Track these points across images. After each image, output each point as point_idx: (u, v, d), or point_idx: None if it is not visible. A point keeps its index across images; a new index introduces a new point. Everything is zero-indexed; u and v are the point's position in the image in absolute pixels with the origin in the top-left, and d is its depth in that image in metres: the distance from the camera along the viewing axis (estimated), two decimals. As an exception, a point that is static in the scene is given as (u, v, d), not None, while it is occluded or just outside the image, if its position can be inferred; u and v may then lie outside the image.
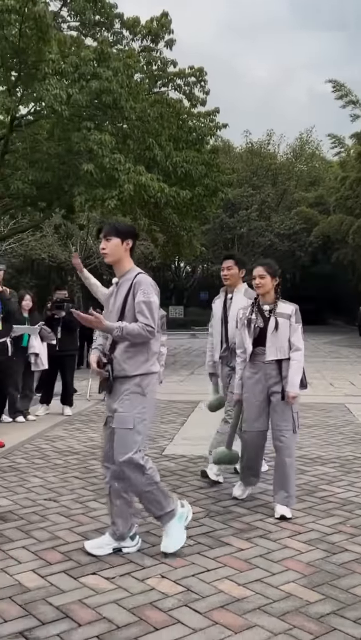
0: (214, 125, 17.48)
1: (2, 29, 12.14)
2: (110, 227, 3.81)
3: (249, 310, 4.64)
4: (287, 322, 4.48)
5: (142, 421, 3.66)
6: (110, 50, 13.93)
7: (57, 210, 17.03)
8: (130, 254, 3.84)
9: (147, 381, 3.68)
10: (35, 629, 2.91)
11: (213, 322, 5.47)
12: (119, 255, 3.78)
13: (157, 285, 3.78)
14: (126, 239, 3.77)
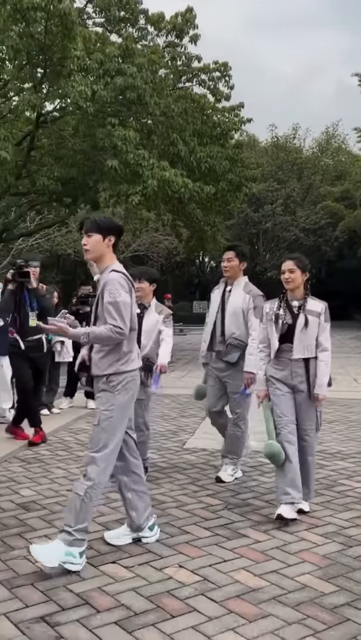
0: (239, 120, 17.46)
1: (28, 26, 12.25)
2: (92, 222, 3.66)
3: (276, 305, 4.45)
4: (316, 321, 4.34)
5: (107, 419, 3.55)
6: (135, 46, 13.98)
7: (82, 206, 17.17)
8: (114, 250, 3.72)
9: (117, 380, 3.57)
10: (56, 614, 3.01)
11: (210, 312, 5.36)
12: (100, 252, 3.66)
13: (128, 281, 3.64)
14: (108, 235, 3.65)
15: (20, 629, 2.87)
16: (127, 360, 3.62)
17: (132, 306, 3.66)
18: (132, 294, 3.67)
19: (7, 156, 12.17)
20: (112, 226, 3.70)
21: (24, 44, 12.26)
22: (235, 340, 5.07)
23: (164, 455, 6.13)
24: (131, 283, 3.69)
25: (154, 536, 3.89)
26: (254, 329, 4.97)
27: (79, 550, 3.46)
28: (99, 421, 3.57)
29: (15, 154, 13.38)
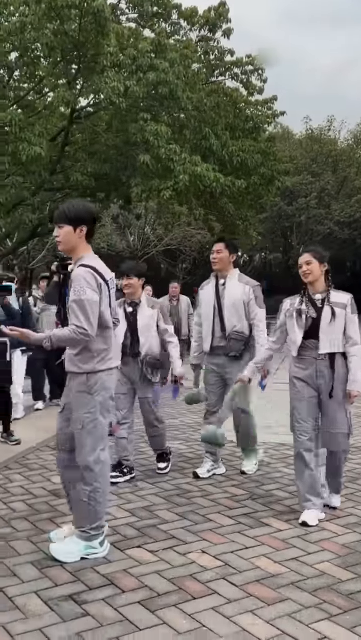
0: (271, 113, 17.44)
1: (63, 23, 12.45)
2: (60, 213, 3.47)
3: (298, 301, 4.28)
4: (343, 313, 4.14)
5: (92, 421, 3.47)
6: (167, 41, 14.06)
7: (115, 201, 17.37)
8: (87, 239, 3.51)
9: (93, 380, 3.46)
10: (83, 593, 3.17)
11: (202, 309, 5.20)
12: (72, 243, 3.48)
13: (97, 276, 3.41)
14: (79, 225, 3.44)
15: (49, 606, 3.03)
16: (102, 358, 3.48)
17: (103, 303, 3.44)
18: (103, 290, 3.43)
19: (42, 152, 12.42)
20: (83, 215, 3.47)
21: (58, 41, 12.47)
22: (236, 333, 4.98)
23: (191, 446, 6.26)
24: (102, 278, 3.43)
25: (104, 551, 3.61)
26: (260, 319, 4.97)
27: (98, 541, 3.56)
28: (83, 425, 3.47)
29: (50, 150, 13.62)
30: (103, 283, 3.45)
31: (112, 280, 3.58)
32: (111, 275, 3.58)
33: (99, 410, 3.49)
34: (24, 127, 12.79)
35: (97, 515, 3.55)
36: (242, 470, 5.28)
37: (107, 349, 3.52)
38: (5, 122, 12.53)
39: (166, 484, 4.99)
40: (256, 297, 5.02)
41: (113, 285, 3.59)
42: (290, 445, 6.09)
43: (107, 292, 3.48)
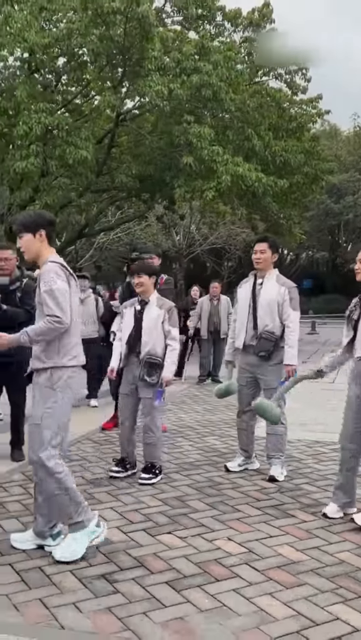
0: (316, 112, 17.44)
1: (108, 29, 12.80)
2: (18, 223, 3.61)
3: (354, 302, 4.25)
4: None
5: (50, 416, 3.49)
6: (211, 44, 14.26)
7: (159, 201, 17.67)
8: (49, 242, 3.62)
9: (57, 375, 3.50)
10: (114, 573, 3.41)
11: (238, 307, 5.28)
12: (36, 250, 3.57)
13: (65, 270, 3.53)
14: (37, 231, 3.54)
15: (83, 583, 3.29)
16: (66, 354, 3.52)
17: (72, 296, 3.53)
18: (71, 283, 3.54)
19: (88, 155, 12.79)
20: (38, 220, 3.59)
21: (104, 46, 12.83)
22: (267, 333, 5.03)
23: (226, 441, 6.46)
24: (69, 272, 3.56)
25: (104, 530, 3.70)
26: (292, 320, 4.99)
27: (93, 523, 3.59)
28: (41, 419, 3.50)
29: (96, 152, 14.00)
30: (71, 277, 3.57)
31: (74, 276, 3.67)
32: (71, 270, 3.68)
33: (59, 406, 3.51)
34: (72, 130, 13.21)
35: (76, 500, 3.55)
36: (271, 476, 5.12)
37: (74, 345, 3.56)
38: (54, 126, 12.97)
39: (199, 476, 5.20)
40: (291, 298, 5.05)
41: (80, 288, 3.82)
42: (323, 443, 6.30)
43: (74, 287, 3.59)
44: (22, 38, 12.80)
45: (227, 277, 37.06)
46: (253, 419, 5.41)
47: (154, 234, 28.82)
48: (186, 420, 7.54)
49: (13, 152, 13.41)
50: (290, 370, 5.01)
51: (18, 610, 3.01)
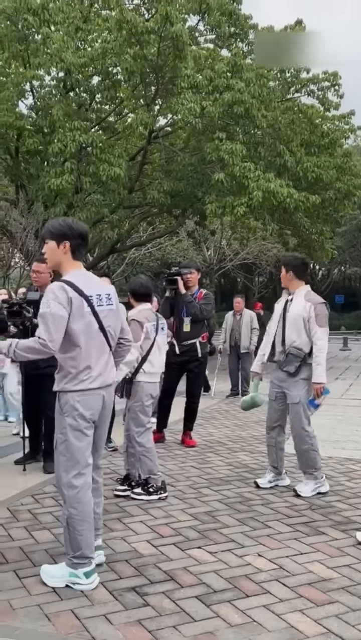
0: (349, 128, 17.41)
1: (142, 49, 13.01)
2: (45, 229, 3.49)
3: None
4: None
5: (62, 442, 3.41)
6: (243, 62, 14.38)
7: (190, 217, 17.78)
8: (74, 256, 3.45)
9: (64, 399, 3.40)
10: (145, 586, 3.44)
11: (271, 322, 5.40)
12: (57, 259, 3.45)
13: (69, 290, 3.30)
14: (62, 241, 3.40)
15: (114, 596, 3.32)
16: (73, 379, 3.38)
17: (77, 320, 3.32)
18: (75, 305, 3.31)
19: (121, 172, 12.98)
20: (65, 231, 3.41)
21: (138, 65, 13.02)
22: (294, 349, 5.06)
23: (256, 457, 6.44)
24: (80, 293, 3.32)
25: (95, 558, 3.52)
26: (319, 337, 4.99)
27: (84, 571, 3.38)
28: (56, 445, 3.46)
29: (128, 169, 14.19)
30: (81, 299, 3.33)
31: (101, 296, 3.45)
32: (100, 292, 3.46)
33: (70, 431, 3.38)
34: (105, 148, 13.43)
35: (78, 545, 3.39)
36: (294, 489, 5.17)
37: (82, 370, 3.37)
38: (88, 143, 13.20)
39: (229, 492, 5.20)
40: (317, 315, 5.05)
41: (106, 302, 3.46)
42: (355, 460, 6.24)
43: (86, 309, 3.35)
44: (59, 58, 13.10)
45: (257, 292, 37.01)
46: (281, 434, 5.40)
47: (185, 249, 28.99)
48: (216, 436, 7.55)
49: (48, 169, 13.68)
50: (318, 388, 5.02)
51: (50, 620, 3.05)
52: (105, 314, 3.46)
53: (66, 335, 3.31)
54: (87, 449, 3.46)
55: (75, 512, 3.39)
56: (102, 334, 3.44)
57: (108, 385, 3.52)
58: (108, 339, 3.50)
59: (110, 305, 3.51)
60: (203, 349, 6.93)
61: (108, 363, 3.51)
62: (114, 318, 3.54)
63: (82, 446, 3.42)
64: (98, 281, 3.60)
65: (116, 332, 3.59)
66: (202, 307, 6.87)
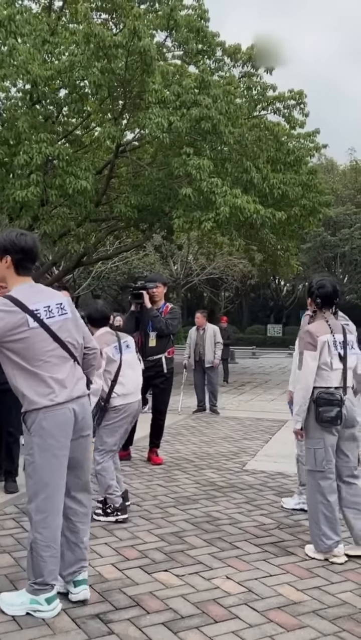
0: (314, 146, 17.65)
1: (110, 62, 12.98)
2: None
3: None
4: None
5: (30, 464, 3.20)
6: (211, 78, 14.45)
7: (157, 231, 17.74)
8: (17, 271, 3.27)
9: (30, 419, 3.19)
10: (109, 613, 3.30)
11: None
12: (1, 273, 3.30)
13: (9, 305, 3.14)
14: (3, 256, 3.24)
15: (77, 623, 3.17)
16: (34, 397, 3.17)
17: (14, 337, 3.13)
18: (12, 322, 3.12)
19: (88, 185, 12.86)
20: (7, 245, 3.24)
21: (106, 79, 12.97)
22: None
23: (224, 475, 6.35)
24: (23, 308, 3.15)
25: (78, 594, 3.38)
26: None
27: (45, 597, 3.21)
28: (25, 467, 3.29)
29: (95, 182, 14.08)
30: (25, 315, 3.14)
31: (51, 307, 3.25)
32: (49, 303, 3.26)
33: (37, 452, 3.17)
34: (72, 161, 13.30)
35: (40, 571, 3.21)
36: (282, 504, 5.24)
37: (40, 387, 3.18)
38: (54, 156, 13.06)
39: (196, 511, 5.09)
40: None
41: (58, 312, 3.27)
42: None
43: (33, 324, 3.15)
44: (25, 70, 12.95)
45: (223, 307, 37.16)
46: None
47: (152, 263, 28.96)
48: (183, 453, 7.44)
49: (13, 181, 13.46)
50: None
51: (9, 652, 2.90)
52: (60, 325, 3.26)
53: (13, 355, 3.16)
54: (58, 470, 3.22)
55: (40, 538, 3.20)
56: (59, 347, 3.25)
57: (77, 398, 3.28)
58: (70, 350, 3.30)
59: (65, 315, 3.30)
60: (169, 365, 6.81)
61: (73, 375, 3.29)
62: (72, 327, 3.35)
63: (51, 468, 3.20)
64: (48, 293, 3.37)
65: (78, 341, 3.38)
66: (168, 321, 6.77)
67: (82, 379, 3.37)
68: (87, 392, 3.40)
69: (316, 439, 4.11)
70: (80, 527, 3.43)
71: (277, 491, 5.72)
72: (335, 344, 4.16)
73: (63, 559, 3.36)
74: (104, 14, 16.28)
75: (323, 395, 4.07)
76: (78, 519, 3.42)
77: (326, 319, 4.28)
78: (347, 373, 4.18)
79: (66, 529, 3.37)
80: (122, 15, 14.28)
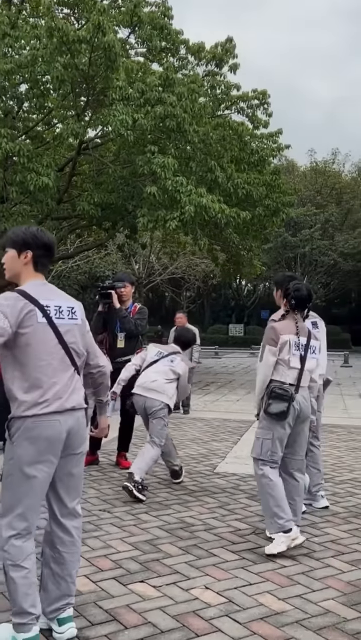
0: (277, 146, 17.71)
1: (73, 58, 12.73)
2: (6, 237, 3.16)
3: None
4: None
5: (9, 475, 2.91)
6: (175, 76, 14.35)
7: (120, 230, 17.54)
8: (36, 268, 3.09)
9: (15, 427, 2.90)
10: (85, 629, 3.13)
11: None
12: (17, 269, 3.09)
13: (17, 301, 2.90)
14: (23, 250, 3.06)
15: (52, 642, 3.00)
16: (23, 403, 2.89)
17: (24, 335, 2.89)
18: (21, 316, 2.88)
19: (49, 182, 12.61)
20: (28, 240, 3.07)
21: (69, 74, 12.74)
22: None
23: (195, 478, 6.23)
24: (34, 302, 2.92)
25: (64, 634, 3.04)
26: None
27: (23, 637, 2.86)
28: (2, 477, 2.97)
29: (57, 180, 13.83)
30: (34, 308, 2.92)
31: (62, 308, 3.04)
32: (61, 304, 3.06)
33: (17, 464, 2.89)
34: (33, 157, 13.02)
35: (16, 597, 2.88)
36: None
37: (32, 392, 2.91)
38: (14, 152, 12.75)
39: (170, 517, 4.95)
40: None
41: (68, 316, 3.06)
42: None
43: (41, 319, 2.93)
44: (-16, 64, 12.64)
45: (185, 307, 37.09)
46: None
47: (114, 262, 28.70)
48: (151, 456, 7.27)
49: (-28, 178, 13.13)
50: None
51: None
52: (68, 329, 3.03)
53: (12, 351, 2.91)
54: (38, 487, 2.92)
55: (9, 557, 2.89)
56: (62, 350, 3.00)
57: (67, 410, 2.97)
58: (73, 357, 3.04)
59: (74, 320, 3.08)
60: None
61: (70, 384, 3.02)
62: (79, 335, 3.11)
63: (31, 484, 2.90)
64: (61, 293, 3.16)
65: (82, 351, 3.13)
66: (137, 322, 6.62)
67: (79, 390, 3.09)
68: (83, 405, 3.10)
69: (266, 429, 4.37)
70: (67, 559, 3.10)
71: (250, 494, 5.62)
72: (296, 345, 4.42)
73: (47, 592, 3.08)
74: (66, 9, 16.02)
75: (276, 389, 4.33)
76: (65, 549, 3.09)
77: (296, 320, 4.53)
78: (303, 374, 4.43)
79: (52, 559, 3.10)
80: (84, 10, 14.03)
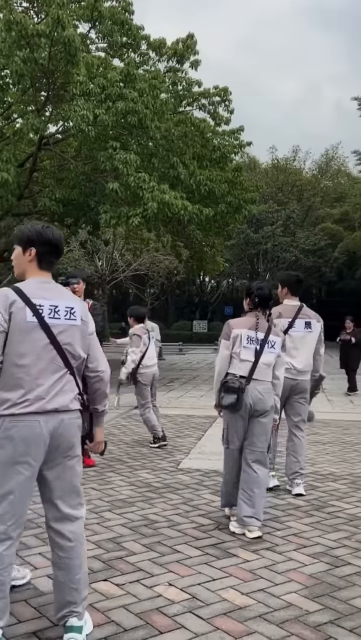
0: (238, 143, 17.79)
1: (33, 52, 12.57)
2: (15, 234, 3.08)
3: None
4: None
5: None
6: (136, 71, 14.29)
7: (83, 227, 17.41)
8: (40, 265, 3.01)
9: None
10: (47, 630, 3.09)
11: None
12: (22, 267, 3.04)
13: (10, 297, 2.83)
14: (28, 248, 2.99)
15: (13, 644, 2.96)
16: (6, 401, 2.81)
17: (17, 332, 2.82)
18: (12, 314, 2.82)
19: (9, 178, 12.43)
20: (33, 237, 2.99)
21: (28, 69, 12.56)
22: None
23: (158, 475, 6.22)
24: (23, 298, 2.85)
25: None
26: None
27: None
28: None
29: (17, 176, 13.63)
30: (25, 307, 2.84)
31: (58, 308, 2.94)
32: (59, 303, 2.95)
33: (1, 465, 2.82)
34: (-8, 152, 12.80)
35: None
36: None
37: (14, 390, 2.82)
38: (-27, 147, 12.53)
39: (133, 515, 4.94)
40: None
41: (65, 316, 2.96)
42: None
43: (30, 318, 2.84)
44: None
45: (150, 304, 37.04)
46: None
47: (76, 259, 28.45)
48: (116, 453, 7.24)
49: None
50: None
51: None
52: (63, 329, 2.92)
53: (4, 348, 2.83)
54: (14, 489, 2.82)
55: None
56: (54, 351, 2.89)
57: (49, 412, 2.85)
58: (66, 357, 2.93)
59: (72, 321, 2.97)
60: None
61: (57, 386, 2.89)
62: (78, 336, 2.99)
63: (8, 487, 2.81)
64: (60, 293, 3.04)
65: (79, 353, 2.99)
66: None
67: (68, 393, 2.95)
68: (71, 407, 2.95)
69: (226, 420, 4.69)
70: (69, 563, 2.96)
71: (213, 490, 5.64)
72: (249, 339, 4.60)
73: (55, 597, 3.02)
74: (25, 2, 15.82)
75: (228, 382, 4.55)
76: (65, 554, 2.97)
77: (258, 317, 4.72)
78: (257, 367, 4.58)
79: (54, 564, 3.01)
80: (43, 3, 13.87)
